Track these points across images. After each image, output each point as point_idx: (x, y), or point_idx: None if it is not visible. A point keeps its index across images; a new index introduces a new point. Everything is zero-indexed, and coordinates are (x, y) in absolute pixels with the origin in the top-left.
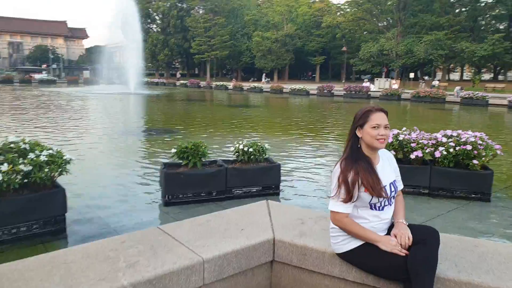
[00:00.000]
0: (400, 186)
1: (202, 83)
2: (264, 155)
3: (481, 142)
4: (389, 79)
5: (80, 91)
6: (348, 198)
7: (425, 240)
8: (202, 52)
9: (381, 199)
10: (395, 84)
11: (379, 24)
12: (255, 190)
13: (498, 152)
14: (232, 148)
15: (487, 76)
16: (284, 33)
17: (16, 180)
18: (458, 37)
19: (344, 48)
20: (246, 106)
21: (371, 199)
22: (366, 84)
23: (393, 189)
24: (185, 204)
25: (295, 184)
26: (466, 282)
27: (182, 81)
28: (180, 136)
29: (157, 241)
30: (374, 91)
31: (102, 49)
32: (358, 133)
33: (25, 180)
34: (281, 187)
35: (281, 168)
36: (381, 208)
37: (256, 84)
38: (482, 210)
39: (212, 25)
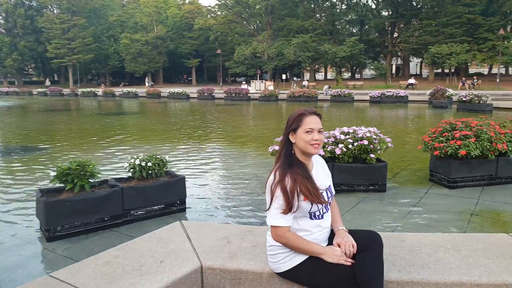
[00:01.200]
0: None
1: (66, 91)
2: (164, 168)
3: (375, 137)
4: (264, 81)
5: None
6: (288, 209)
7: (369, 246)
8: (62, 56)
9: (320, 206)
10: (270, 86)
11: (250, 27)
12: (157, 208)
13: (389, 144)
14: (126, 164)
15: (346, 74)
16: (155, 35)
17: None
18: (321, 39)
19: (218, 51)
20: (122, 114)
21: (311, 208)
22: (244, 86)
23: (329, 194)
24: (74, 236)
25: (200, 196)
26: (409, 281)
27: (40, 89)
28: (46, 156)
29: None
30: (253, 93)
31: None
32: (292, 138)
33: None
34: (187, 203)
35: (191, 180)
36: (320, 216)
37: (130, 89)
38: (381, 200)
39: (71, 26)
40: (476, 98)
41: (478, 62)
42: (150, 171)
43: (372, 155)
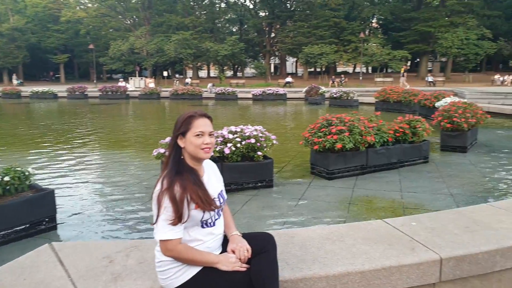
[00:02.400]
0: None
1: None
2: (27, 182)
3: (261, 135)
4: (143, 78)
5: None
6: (178, 220)
7: (263, 248)
8: None
9: (212, 213)
10: (151, 83)
11: (126, 22)
12: (21, 229)
13: (274, 141)
14: None
15: (228, 73)
16: (11, 26)
17: None
18: (202, 37)
19: (90, 46)
20: None
21: (202, 216)
22: (122, 83)
23: (221, 200)
24: None
25: (75, 211)
26: (302, 278)
27: None
28: None
29: None
30: (132, 91)
31: None
32: (180, 143)
33: None
34: (58, 220)
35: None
36: (212, 224)
37: None
38: (270, 196)
39: None
40: (345, 95)
41: (344, 62)
42: (8, 187)
43: (259, 153)
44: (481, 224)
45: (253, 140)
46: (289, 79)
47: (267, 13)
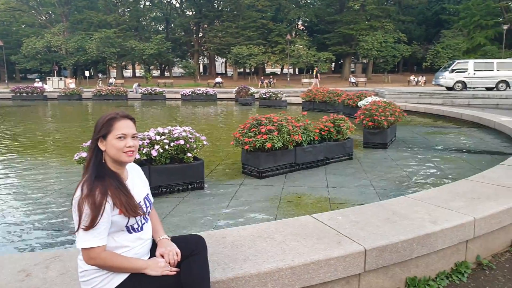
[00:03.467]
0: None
1: None
2: None
3: (191, 136)
4: (63, 78)
5: None
6: (91, 225)
7: (193, 251)
8: None
9: (138, 218)
10: (72, 83)
11: (41, 18)
12: None
13: (205, 142)
14: None
15: (155, 72)
16: None
17: None
18: (127, 35)
19: None
20: None
21: (128, 221)
22: (38, 84)
23: (148, 204)
24: None
25: None
26: (233, 278)
27: None
28: None
29: None
30: (50, 92)
31: None
32: (101, 146)
33: None
34: None
35: None
36: (140, 228)
37: None
38: (201, 198)
39: None
40: (274, 95)
41: (272, 63)
42: None
43: (189, 154)
44: (400, 215)
45: (182, 142)
46: (219, 79)
47: (194, 12)
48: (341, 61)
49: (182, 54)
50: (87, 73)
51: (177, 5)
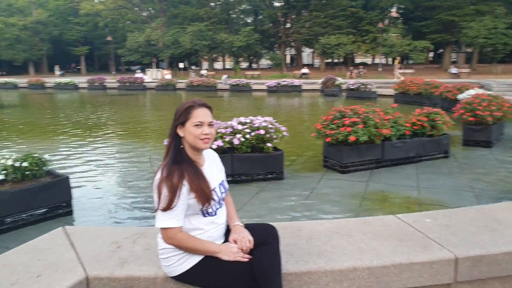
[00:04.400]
0: (227, 185)
1: None
2: (44, 168)
3: (271, 126)
4: (160, 70)
5: None
6: (168, 207)
7: (265, 240)
8: None
9: (213, 203)
10: (168, 74)
11: (143, 14)
12: (39, 214)
13: (285, 133)
14: None
15: (244, 64)
16: (34, 19)
17: None
18: (217, 28)
19: (108, 38)
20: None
21: (202, 206)
22: (139, 75)
23: (223, 190)
24: None
25: (91, 197)
26: (306, 271)
27: None
28: None
29: None
30: (149, 82)
31: None
32: (180, 132)
33: None
34: (74, 205)
35: (76, 180)
36: (214, 213)
37: (6, 79)
38: (280, 188)
39: None
40: (362, 86)
41: (362, 53)
42: (27, 172)
43: (269, 144)
44: (502, 223)
45: (262, 131)
46: (305, 70)
47: (282, 3)
48: (441, 50)
49: (269, 45)
50: (181, 65)
51: None
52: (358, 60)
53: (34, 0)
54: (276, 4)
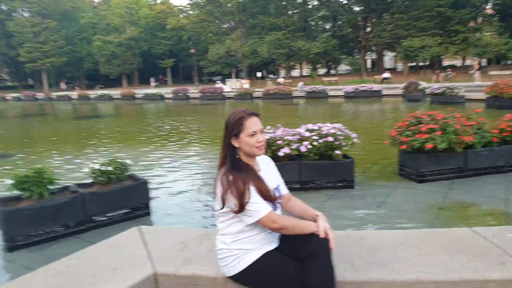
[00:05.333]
0: (285, 190)
1: (40, 95)
2: (126, 172)
3: (340, 133)
4: (239, 79)
5: None
6: (240, 210)
7: (315, 253)
8: (34, 60)
9: (271, 205)
10: (246, 84)
11: (223, 26)
12: (121, 213)
13: (355, 140)
14: (86, 169)
15: (322, 70)
16: (128, 36)
17: None
18: (294, 36)
19: (192, 50)
20: (96, 117)
21: None
22: (219, 85)
23: (278, 194)
24: (36, 244)
25: (167, 201)
26: (365, 281)
27: (13, 94)
28: (20, 162)
29: None
30: (228, 92)
31: None
32: (235, 143)
33: None
34: (152, 207)
35: (155, 183)
36: None
37: (103, 92)
38: (349, 197)
39: (42, 29)
40: (448, 91)
41: (451, 55)
42: (111, 176)
43: (337, 152)
44: None
45: (331, 139)
46: (386, 74)
47: (362, 7)
48: None
49: (348, 50)
50: (259, 74)
51: (345, 1)
52: (446, 62)
53: (128, 19)
54: (356, 8)
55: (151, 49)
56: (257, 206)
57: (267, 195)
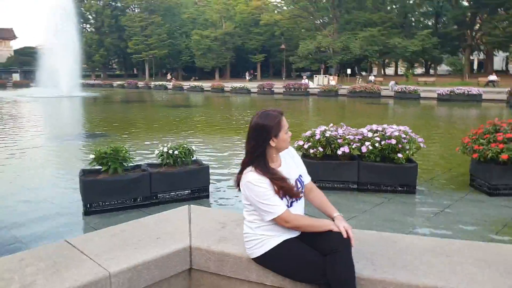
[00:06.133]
0: (307, 179)
1: (140, 84)
2: (191, 157)
3: (404, 136)
4: (327, 76)
5: (2, 95)
6: (283, 194)
7: (337, 248)
8: (140, 51)
9: (288, 198)
10: (332, 81)
11: (316, 22)
12: (183, 194)
13: (421, 145)
14: (156, 152)
15: (419, 70)
16: (223, 31)
17: None
18: (391, 33)
19: (282, 46)
20: (186, 106)
21: (287, 201)
22: (304, 81)
23: (299, 185)
24: (107, 212)
25: (226, 186)
26: (380, 280)
27: (118, 82)
28: (110, 141)
29: (61, 256)
30: (312, 88)
31: (33, 50)
32: (272, 143)
33: None
34: (212, 190)
35: (220, 170)
36: (288, 205)
37: (196, 83)
38: (407, 202)
39: (149, 24)
40: None
41: None
42: (178, 159)
43: (399, 155)
44: None
45: (393, 141)
46: (493, 77)
47: (471, 3)
48: None
49: (452, 49)
50: (348, 71)
51: None
52: None
53: (224, 14)
54: (464, 3)
55: (244, 44)
56: (272, 208)
57: (291, 194)
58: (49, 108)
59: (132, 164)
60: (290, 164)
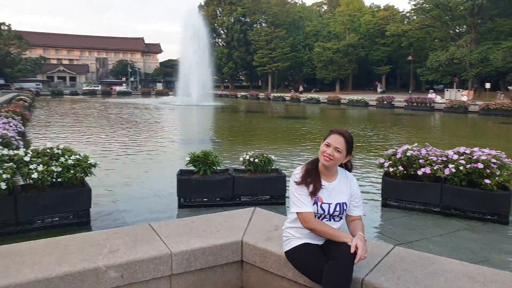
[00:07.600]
0: (356, 212)
1: (261, 95)
2: (270, 165)
3: (494, 161)
4: (460, 90)
5: (145, 102)
6: (312, 195)
7: (337, 256)
8: (264, 64)
9: (321, 212)
10: (464, 96)
11: (450, 31)
12: (262, 198)
13: None
14: (241, 159)
15: None
16: (346, 43)
17: (48, 179)
18: None
19: (409, 57)
20: (298, 118)
21: (314, 207)
22: (431, 95)
23: (338, 209)
24: (196, 207)
25: None
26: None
27: (242, 93)
28: (218, 147)
29: (142, 235)
30: (438, 103)
31: (175, 63)
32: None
33: (59, 179)
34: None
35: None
36: (320, 218)
37: (313, 95)
38: (494, 232)
39: (273, 37)
40: None
41: None
42: (258, 166)
43: (487, 181)
44: None
45: (480, 165)
46: None
47: None
48: None
49: None
50: (488, 85)
51: None
52: None
53: (348, 26)
54: None
55: (368, 55)
56: (300, 203)
57: (312, 186)
58: (178, 114)
59: (221, 168)
60: (343, 186)
